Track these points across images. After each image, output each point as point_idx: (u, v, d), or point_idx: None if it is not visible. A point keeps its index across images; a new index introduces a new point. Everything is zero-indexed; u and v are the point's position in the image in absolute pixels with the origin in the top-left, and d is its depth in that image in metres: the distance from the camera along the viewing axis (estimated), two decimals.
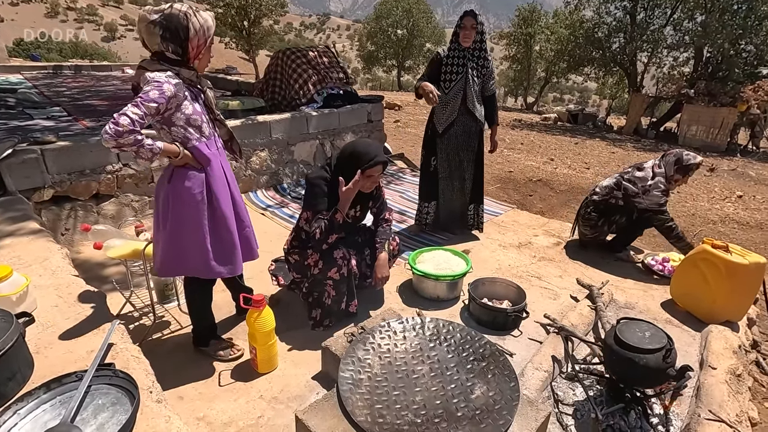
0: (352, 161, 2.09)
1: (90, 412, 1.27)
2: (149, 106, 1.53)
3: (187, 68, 1.67)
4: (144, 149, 1.55)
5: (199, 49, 1.68)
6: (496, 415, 1.49)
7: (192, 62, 1.70)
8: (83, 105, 5.54)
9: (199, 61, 1.72)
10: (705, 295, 2.41)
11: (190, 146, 1.70)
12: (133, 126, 1.49)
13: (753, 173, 8.16)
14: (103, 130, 1.48)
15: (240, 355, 2.04)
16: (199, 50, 1.68)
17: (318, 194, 2.10)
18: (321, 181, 2.12)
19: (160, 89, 1.55)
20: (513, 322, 2.31)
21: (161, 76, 1.57)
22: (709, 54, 12.35)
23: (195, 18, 1.63)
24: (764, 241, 4.31)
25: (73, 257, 2.76)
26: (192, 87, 1.71)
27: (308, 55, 5.14)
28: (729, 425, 1.68)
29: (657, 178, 2.84)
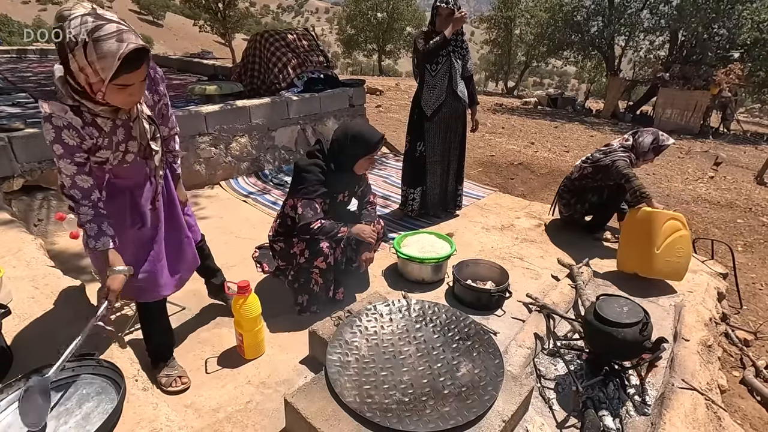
0: (356, 145, 2.05)
1: (74, 402, 1.25)
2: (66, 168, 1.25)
3: (92, 102, 1.25)
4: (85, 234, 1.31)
5: (93, 86, 1.18)
6: (482, 391, 1.53)
7: (93, 97, 1.23)
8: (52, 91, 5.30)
9: (104, 98, 1.22)
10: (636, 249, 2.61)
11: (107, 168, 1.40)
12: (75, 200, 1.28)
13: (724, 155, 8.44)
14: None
15: (185, 388, 1.76)
16: (95, 88, 1.18)
17: (313, 181, 2.04)
18: (315, 167, 2.06)
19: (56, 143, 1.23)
20: (496, 302, 2.36)
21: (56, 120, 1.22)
22: (684, 38, 12.60)
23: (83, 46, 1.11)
24: (733, 219, 4.48)
25: (48, 248, 2.68)
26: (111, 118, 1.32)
27: (287, 38, 5.02)
28: (700, 393, 1.77)
29: (619, 146, 2.98)
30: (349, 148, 2.07)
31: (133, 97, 1.26)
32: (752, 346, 2.58)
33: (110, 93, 1.20)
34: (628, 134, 3.06)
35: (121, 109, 1.31)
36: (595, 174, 3.01)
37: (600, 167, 2.95)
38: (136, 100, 1.31)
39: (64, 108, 1.23)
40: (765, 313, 2.94)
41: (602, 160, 2.94)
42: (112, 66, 1.13)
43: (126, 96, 1.24)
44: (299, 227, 2.05)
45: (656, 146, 2.92)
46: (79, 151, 1.26)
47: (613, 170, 2.84)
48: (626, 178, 2.76)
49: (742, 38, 11.46)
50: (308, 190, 2.05)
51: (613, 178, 2.90)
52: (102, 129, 1.30)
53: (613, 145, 3.03)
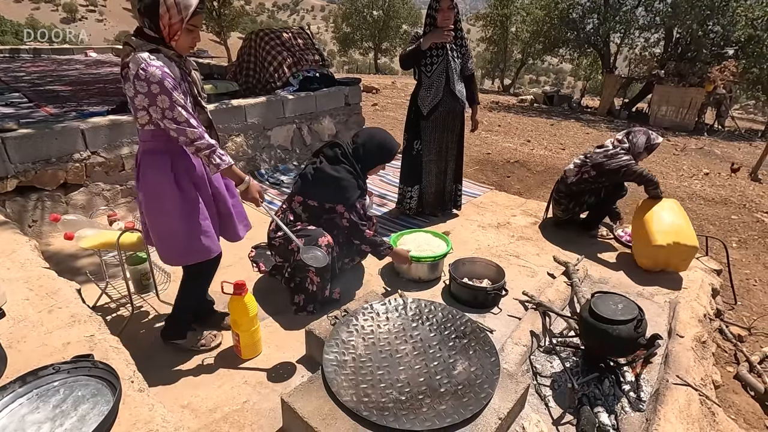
0: (382, 153, 2.29)
1: (70, 404, 1.24)
2: (179, 97, 1.49)
3: (165, 47, 1.53)
4: (213, 157, 1.56)
5: (172, 28, 1.49)
6: (478, 389, 1.54)
7: (168, 41, 1.52)
8: (45, 90, 5.27)
9: (177, 42, 1.53)
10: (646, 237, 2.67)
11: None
12: (194, 127, 1.52)
13: (719, 151, 8.48)
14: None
15: (220, 342, 2.01)
16: (174, 30, 1.49)
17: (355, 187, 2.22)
18: (350, 175, 2.20)
19: (167, 76, 1.47)
20: (493, 300, 2.37)
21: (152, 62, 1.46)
22: (679, 35, 12.63)
23: None
24: (728, 215, 4.51)
25: (43, 249, 2.67)
26: (178, 66, 1.59)
27: (282, 36, 5.00)
28: (695, 389, 1.79)
29: (618, 148, 2.95)
30: (375, 156, 2.27)
31: (195, 40, 1.58)
32: (746, 342, 2.60)
33: (183, 35, 1.52)
34: (620, 135, 3.05)
35: (182, 57, 1.59)
36: (599, 177, 2.99)
37: (606, 171, 2.91)
38: (195, 45, 1.60)
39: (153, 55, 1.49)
40: (759, 309, 2.96)
41: (608, 164, 2.90)
42: (191, 5, 1.47)
43: (191, 39, 1.56)
44: (353, 228, 2.23)
45: (649, 145, 2.94)
46: (177, 81, 1.52)
47: (629, 173, 2.85)
48: (645, 178, 2.83)
49: (737, 35, 11.51)
50: (354, 197, 2.20)
51: (627, 179, 2.91)
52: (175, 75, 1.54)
53: (608, 146, 3.01)
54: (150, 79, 1.44)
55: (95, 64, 8.06)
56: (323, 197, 2.20)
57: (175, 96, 1.48)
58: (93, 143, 3.21)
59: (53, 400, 1.25)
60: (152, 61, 1.47)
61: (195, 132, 1.52)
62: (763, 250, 3.83)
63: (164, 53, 1.53)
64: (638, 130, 3.02)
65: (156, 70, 1.45)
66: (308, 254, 1.89)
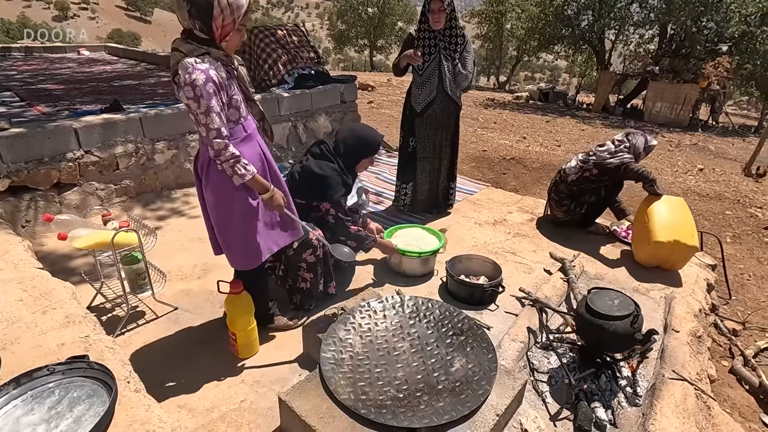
0: (364, 147, 2.28)
1: (65, 405, 1.23)
2: (216, 103, 1.48)
3: (215, 48, 1.54)
4: (237, 168, 1.56)
5: (225, 29, 1.51)
6: (476, 386, 1.54)
7: (219, 42, 1.54)
8: (37, 90, 5.21)
9: (227, 42, 1.56)
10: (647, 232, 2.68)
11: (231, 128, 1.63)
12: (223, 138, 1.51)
13: (713, 147, 8.54)
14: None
15: (306, 320, 2.14)
16: (226, 30, 1.51)
17: (339, 184, 2.21)
18: (334, 171, 2.20)
19: (211, 80, 1.47)
20: (490, 297, 2.37)
21: (201, 65, 1.47)
22: (673, 31, 12.68)
23: None
24: (722, 210, 4.54)
25: (36, 250, 2.64)
26: (226, 66, 1.60)
27: (277, 33, 4.97)
28: (690, 383, 1.80)
29: (621, 147, 2.94)
30: (357, 150, 2.25)
31: (242, 38, 1.63)
32: (741, 336, 2.62)
33: (234, 35, 1.55)
34: (620, 135, 3.04)
35: (229, 57, 1.60)
36: (602, 176, 2.99)
37: (609, 169, 2.92)
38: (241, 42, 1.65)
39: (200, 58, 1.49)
40: (753, 304, 2.99)
41: (610, 162, 2.90)
42: (243, 6, 1.50)
43: (239, 38, 1.59)
44: (337, 222, 2.25)
45: (646, 146, 2.95)
46: (223, 89, 1.53)
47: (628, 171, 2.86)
48: (643, 176, 2.84)
49: (730, 31, 11.56)
50: (338, 193, 2.20)
51: (626, 177, 2.92)
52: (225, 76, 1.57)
53: (609, 145, 3.00)
54: (195, 83, 1.45)
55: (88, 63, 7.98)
56: (310, 196, 2.21)
57: (213, 103, 1.48)
58: (86, 142, 3.18)
59: (48, 402, 1.24)
60: (198, 65, 1.47)
61: (220, 143, 1.51)
62: (757, 244, 3.86)
63: (213, 54, 1.53)
64: (635, 132, 3.04)
65: (200, 74, 1.45)
66: (337, 250, 2.02)
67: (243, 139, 1.66)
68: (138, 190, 3.51)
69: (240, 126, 1.65)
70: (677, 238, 2.58)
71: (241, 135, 1.65)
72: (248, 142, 1.69)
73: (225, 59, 1.58)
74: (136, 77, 6.35)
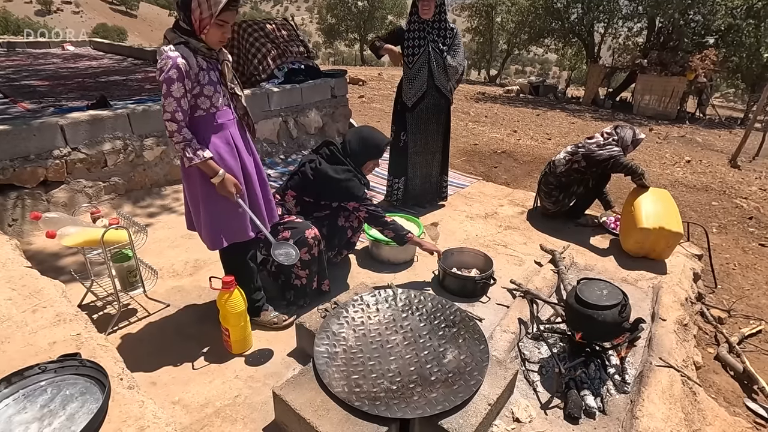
0: (371, 150, 2.33)
1: (58, 403, 1.23)
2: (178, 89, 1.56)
3: (195, 39, 1.61)
4: (187, 150, 1.62)
5: (202, 22, 1.57)
6: (468, 377, 1.57)
7: (199, 34, 1.60)
8: (21, 86, 5.11)
9: (206, 35, 1.61)
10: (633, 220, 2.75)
11: (196, 116, 1.69)
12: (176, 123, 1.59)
13: (700, 139, 8.66)
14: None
15: (292, 321, 2.10)
16: (203, 24, 1.57)
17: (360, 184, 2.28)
18: (351, 173, 2.25)
19: (176, 67, 1.55)
20: (482, 289, 2.40)
21: (171, 53, 1.56)
22: (661, 24, 12.78)
23: None
24: (709, 201, 4.62)
25: (25, 249, 2.61)
26: (207, 58, 1.66)
27: (266, 28, 4.92)
28: (677, 370, 1.84)
29: (610, 139, 2.98)
30: (362, 152, 2.30)
31: (225, 35, 1.64)
32: (726, 324, 2.68)
33: (212, 29, 1.59)
34: (609, 128, 3.07)
35: (213, 50, 1.66)
36: (590, 167, 3.02)
37: (596, 161, 2.95)
38: (226, 39, 1.66)
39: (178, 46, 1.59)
40: (738, 292, 3.06)
41: (599, 154, 2.93)
42: (220, 2, 1.53)
43: (221, 34, 1.62)
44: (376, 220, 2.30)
45: (635, 140, 2.99)
46: (188, 77, 1.58)
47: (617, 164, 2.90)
48: (631, 169, 2.88)
49: (717, 24, 11.69)
50: (362, 192, 2.26)
51: (615, 170, 2.96)
52: (201, 66, 1.63)
53: (598, 138, 3.03)
54: (162, 68, 1.56)
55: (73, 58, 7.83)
56: (331, 197, 2.29)
57: (172, 88, 1.56)
58: (73, 139, 3.13)
59: (40, 400, 1.24)
60: (169, 51, 1.56)
61: (172, 125, 1.60)
62: (742, 234, 3.94)
63: (192, 45, 1.61)
64: (624, 125, 3.08)
65: (168, 60, 1.55)
66: (279, 250, 1.81)
67: (212, 129, 1.72)
68: (127, 187, 3.47)
69: (211, 115, 1.71)
70: (663, 225, 2.65)
71: (211, 124, 1.72)
72: (218, 131, 1.74)
73: (205, 51, 1.64)
74: (123, 72, 6.26)
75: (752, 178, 5.84)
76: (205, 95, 1.67)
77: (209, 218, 1.80)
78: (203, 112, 1.69)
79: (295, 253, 1.82)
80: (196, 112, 1.68)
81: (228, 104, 1.79)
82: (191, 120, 1.68)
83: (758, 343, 2.54)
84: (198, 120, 1.69)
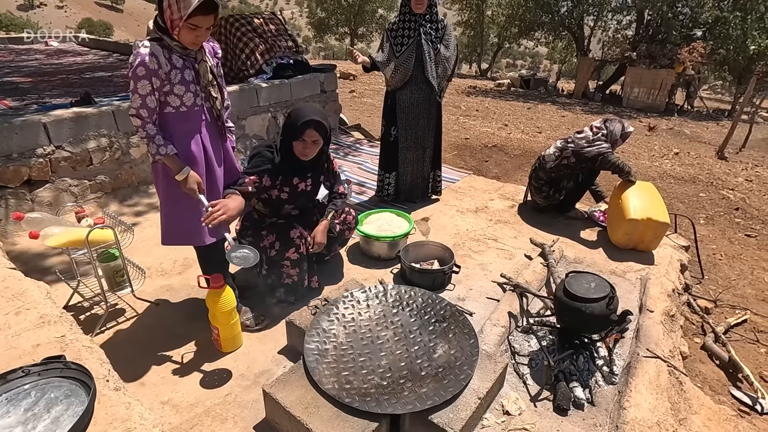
0: (287, 128, 2.03)
1: (42, 406, 1.21)
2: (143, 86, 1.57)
3: (169, 37, 1.61)
4: (151, 145, 1.64)
5: (173, 23, 1.55)
6: (458, 371, 1.57)
7: (172, 33, 1.59)
8: (3, 83, 5.01)
9: (178, 36, 1.59)
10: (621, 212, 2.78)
11: (166, 112, 1.69)
12: (140, 119, 1.61)
13: (688, 131, 8.75)
14: None
15: (266, 325, 2.08)
16: (174, 24, 1.55)
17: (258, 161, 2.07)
18: (265, 150, 2.10)
19: (144, 65, 1.56)
20: (448, 279, 2.47)
21: (143, 50, 1.57)
22: (650, 17, 12.85)
23: None
24: (696, 193, 4.68)
25: (8, 249, 2.57)
26: (182, 56, 1.66)
27: (253, 22, 4.86)
28: (663, 360, 1.87)
29: (599, 134, 2.99)
30: (284, 130, 2.06)
31: (199, 38, 1.62)
32: (712, 314, 2.72)
33: (183, 31, 1.57)
34: (598, 122, 3.08)
35: (189, 49, 1.65)
36: (579, 163, 3.03)
37: (586, 158, 2.96)
38: (200, 42, 1.65)
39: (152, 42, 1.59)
40: (724, 282, 3.10)
41: (588, 151, 2.94)
42: (190, 6, 1.50)
43: (194, 37, 1.60)
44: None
45: (623, 133, 3.00)
46: (156, 76, 1.58)
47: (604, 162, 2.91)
48: (618, 168, 2.91)
49: (704, 17, 11.78)
50: (250, 165, 2.08)
51: (603, 167, 2.98)
52: (174, 64, 1.63)
53: (587, 131, 3.05)
54: (131, 63, 1.58)
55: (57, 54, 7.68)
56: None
57: (138, 85, 1.58)
58: (57, 137, 3.07)
59: (24, 404, 1.22)
60: (140, 48, 1.57)
61: (136, 121, 1.63)
62: (728, 225, 4.00)
63: (166, 43, 1.61)
64: (613, 118, 3.09)
65: (137, 57, 1.56)
66: (236, 252, 1.73)
67: (180, 127, 1.73)
68: (114, 185, 3.42)
69: (181, 114, 1.71)
70: (650, 216, 2.70)
71: (180, 122, 1.72)
72: (186, 131, 1.74)
73: (180, 50, 1.64)
74: (109, 69, 6.15)
75: (739, 169, 5.91)
76: (175, 93, 1.67)
77: (165, 218, 1.85)
78: (173, 109, 1.70)
79: (253, 256, 1.72)
80: (166, 108, 1.69)
81: (201, 105, 1.77)
82: (161, 116, 1.69)
83: (743, 332, 2.58)
84: (167, 116, 1.70)
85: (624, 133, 3.00)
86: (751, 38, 11.08)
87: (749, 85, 7.61)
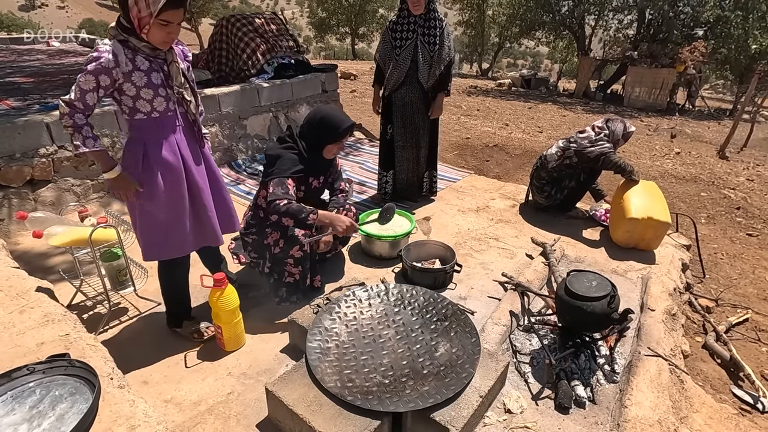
0: (325, 130, 2.09)
1: (47, 404, 1.22)
2: (87, 81, 1.48)
3: (136, 38, 1.52)
4: (76, 136, 1.54)
5: (141, 21, 1.47)
6: (459, 369, 1.58)
7: (140, 33, 1.51)
8: (5, 83, 5.01)
9: (147, 35, 1.50)
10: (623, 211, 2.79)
11: (137, 118, 1.61)
12: (71, 108, 1.50)
13: (689, 131, 8.74)
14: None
15: (213, 335, 2.00)
16: (143, 22, 1.47)
17: (287, 161, 2.05)
18: (288, 151, 2.09)
19: (98, 61, 1.48)
20: (450, 278, 2.47)
21: (102, 47, 1.50)
22: (651, 16, 12.83)
23: None
24: (697, 192, 4.68)
25: (12, 249, 2.58)
26: (149, 58, 1.57)
27: (255, 22, 4.86)
28: (665, 359, 1.87)
29: (601, 134, 3.00)
30: (318, 131, 2.10)
31: (171, 35, 1.53)
32: (713, 313, 2.73)
33: (153, 28, 1.48)
34: (600, 122, 3.09)
35: (158, 50, 1.56)
36: (581, 163, 3.03)
37: (589, 158, 2.96)
38: (172, 40, 1.56)
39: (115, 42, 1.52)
40: (725, 281, 3.11)
41: (590, 151, 2.95)
42: (160, 1, 1.41)
43: (165, 34, 1.51)
44: (267, 203, 2.00)
45: (625, 133, 3.00)
46: (107, 73, 1.49)
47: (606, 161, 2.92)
48: (620, 168, 2.92)
49: (705, 16, 11.75)
50: (281, 169, 2.04)
51: (605, 167, 2.98)
52: (138, 66, 1.54)
53: (589, 131, 3.05)
54: (87, 58, 1.51)
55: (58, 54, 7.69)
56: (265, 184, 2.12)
57: (84, 78, 1.49)
58: (59, 137, 3.08)
59: (29, 401, 1.23)
60: (100, 47, 1.51)
61: (65, 108, 1.51)
62: (730, 224, 4.00)
63: (132, 44, 1.53)
64: (615, 118, 3.09)
65: (94, 53, 1.49)
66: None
67: (153, 134, 1.64)
68: None
69: (152, 120, 1.63)
70: (651, 215, 2.70)
71: (152, 129, 1.64)
72: (160, 138, 1.66)
73: (148, 51, 1.56)
74: None
75: (740, 168, 5.91)
76: (143, 98, 1.58)
77: (140, 231, 1.75)
78: (144, 115, 1.61)
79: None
80: (136, 114, 1.60)
81: (175, 110, 1.69)
82: (132, 122, 1.62)
83: (745, 331, 2.59)
84: (140, 123, 1.62)
85: (626, 133, 3.01)
86: (752, 37, 11.06)
87: (751, 84, 7.60)
